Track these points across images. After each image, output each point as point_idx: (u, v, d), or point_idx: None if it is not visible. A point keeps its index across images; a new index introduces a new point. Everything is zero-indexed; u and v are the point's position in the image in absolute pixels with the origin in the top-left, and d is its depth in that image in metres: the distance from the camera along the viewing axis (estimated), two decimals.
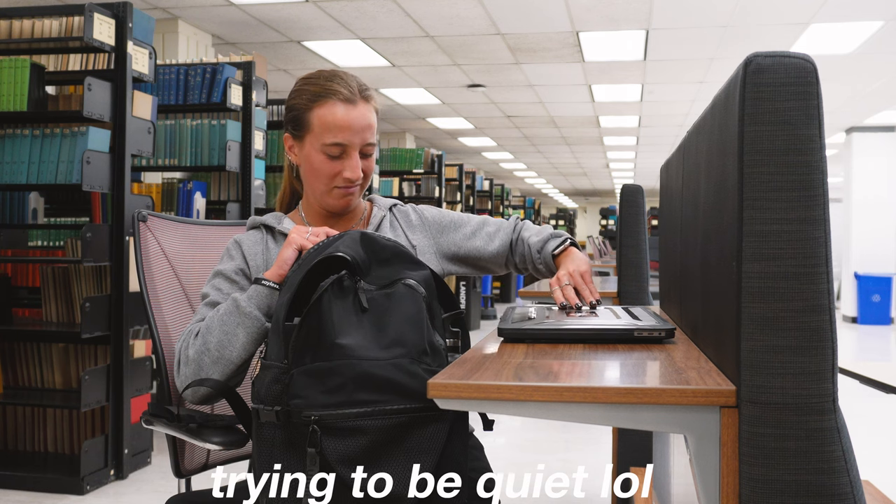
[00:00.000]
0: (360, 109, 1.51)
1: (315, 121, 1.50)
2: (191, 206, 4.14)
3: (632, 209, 2.67)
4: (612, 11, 5.85)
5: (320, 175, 1.52)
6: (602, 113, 10.32)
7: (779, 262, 0.91)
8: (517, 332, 1.32)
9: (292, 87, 1.58)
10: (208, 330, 1.39)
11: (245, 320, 1.38)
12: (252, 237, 1.57)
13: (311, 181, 1.55)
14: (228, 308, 1.40)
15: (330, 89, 1.49)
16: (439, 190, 9.05)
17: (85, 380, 3.22)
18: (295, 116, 1.54)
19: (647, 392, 0.94)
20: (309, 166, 1.53)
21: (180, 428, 1.44)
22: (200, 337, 1.40)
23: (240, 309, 1.38)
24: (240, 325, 1.38)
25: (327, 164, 1.50)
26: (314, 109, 1.50)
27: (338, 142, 1.49)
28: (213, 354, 1.37)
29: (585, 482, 3.57)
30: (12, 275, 3.78)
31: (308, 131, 1.51)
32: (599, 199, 28.85)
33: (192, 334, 1.42)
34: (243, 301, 1.39)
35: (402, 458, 1.20)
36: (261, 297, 1.40)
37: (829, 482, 0.88)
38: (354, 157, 1.51)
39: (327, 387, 1.20)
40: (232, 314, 1.39)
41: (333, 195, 1.54)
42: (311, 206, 1.61)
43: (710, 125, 1.16)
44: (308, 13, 6.00)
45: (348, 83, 1.51)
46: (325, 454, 1.18)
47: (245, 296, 1.40)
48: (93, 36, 3.27)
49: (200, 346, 1.39)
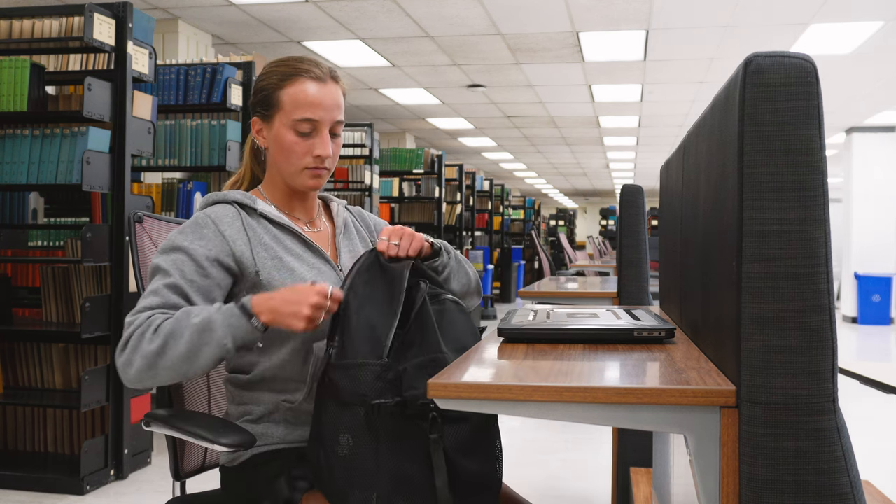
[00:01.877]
0: (330, 88, 1.54)
1: (285, 98, 1.52)
2: (191, 206, 4.14)
3: (632, 209, 2.67)
4: (612, 11, 5.85)
5: (291, 153, 1.53)
6: (602, 113, 10.32)
7: (779, 262, 0.91)
8: (517, 332, 1.32)
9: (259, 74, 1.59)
10: (172, 336, 1.34)
11: (214, 349, 1.34)
12: (224, 212, 1.51)
13: (281, 161, 1.55)
14: (202, 326, 1.34)
15: (300, 68, 1.53)
16: (439, 190, 9.04)
17: (85, 380, 3.22)
18: (265, 97, 1.55)
19: (647, 392, 0.94)
20: (279, 146, 1.54)
21: (186, 430, 1.44)
22: (161, 337, 1.34)
23: (214, 335, 1.34)
24: (207, 347, 1.33)
25: (298, 142, 1.52)
26: (285, 88, 1.52)
27: (308, 117, 1.51)
28: (169, 362, 1.33)
29: (585, 482, 3.57)
30: (12, 275, 3.78)
31: (278, 109, 1.53)
32: (599, 199, 28.85)
33: (150, 326, 1.36)
34: (220, 329, 1.34)
35: (489, 443, 1.35)
36: (242, 332, 1.35)
37: (829, 482, 0.88)
38: (325, 134, 1.53)
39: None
40: (205, 333, 1.33)
41: (304, 175, 1.55)
42: (276, 187, 1.60)
43: (710, 125, 1.16)
44: (308, 13, 6.00)
45: (318, 64, 1.56)
46: (444, 440, 1.27)
47: (225, 322, 1.34)
48: (93, 36, 3.27)
49: (158, 349, 1.33)
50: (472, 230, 11.33)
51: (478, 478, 1.31)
